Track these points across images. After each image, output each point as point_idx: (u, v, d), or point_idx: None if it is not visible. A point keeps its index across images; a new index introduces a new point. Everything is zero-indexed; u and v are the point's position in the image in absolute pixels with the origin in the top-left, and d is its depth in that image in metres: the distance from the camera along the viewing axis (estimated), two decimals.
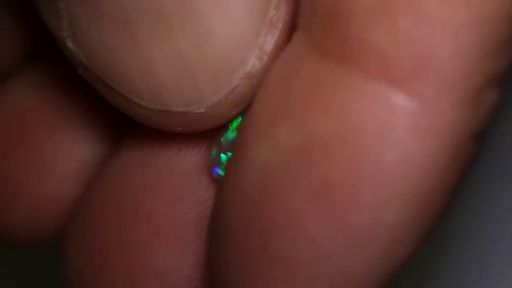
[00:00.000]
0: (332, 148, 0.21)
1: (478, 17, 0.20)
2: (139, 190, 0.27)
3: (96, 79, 0.24)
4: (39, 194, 0.30)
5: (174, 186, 0.27)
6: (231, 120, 0.25)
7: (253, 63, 0.24)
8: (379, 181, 0.21)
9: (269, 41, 0.24)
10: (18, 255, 0.42)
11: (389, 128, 0.21)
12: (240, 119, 0.25)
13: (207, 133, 0.26)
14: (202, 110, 0.24)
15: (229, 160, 0.25)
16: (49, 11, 0.24)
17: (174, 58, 0.23)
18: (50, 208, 0.30)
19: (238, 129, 0.26)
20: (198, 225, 0.27)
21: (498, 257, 0.43)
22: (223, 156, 0.26)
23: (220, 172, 0.26)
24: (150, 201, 0.27)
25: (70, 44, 0.24)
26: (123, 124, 0.29)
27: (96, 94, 0.25)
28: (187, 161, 0.27)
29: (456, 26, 0.20)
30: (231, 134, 0.26)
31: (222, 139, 0.26)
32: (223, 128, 0.26)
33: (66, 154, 0.30)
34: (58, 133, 0.31)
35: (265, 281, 0.22)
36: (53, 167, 0.30)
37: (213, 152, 0.26)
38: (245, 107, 0.25)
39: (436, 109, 0.21)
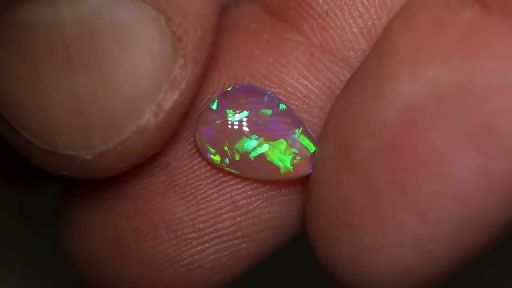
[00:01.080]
0: (492, 95, 0.21)
1: None
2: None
3: None
4: None
5: (193, 135, 0.27)
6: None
7: (148, 117, 0.24)
8: None
9: (169, 99, 0.24)
10: None
11: None
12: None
13: None
14: (89, 157, 0.24)
15: (361, 86, 0.24)
16: None
17: (70, 99, 0.23)
18: None
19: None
20: (216, 179, 0.26)
21: None
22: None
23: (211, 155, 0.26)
24: (168, 150, 0.26)
25: None
26: None
27: None
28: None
29: None
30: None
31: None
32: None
33: None
34: None
35: (395, 214, 0.22)
36: None
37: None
38: (133, 163, 0.25)
39: None
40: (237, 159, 0.26)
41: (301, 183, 0.27)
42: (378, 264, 0.23)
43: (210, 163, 0.26)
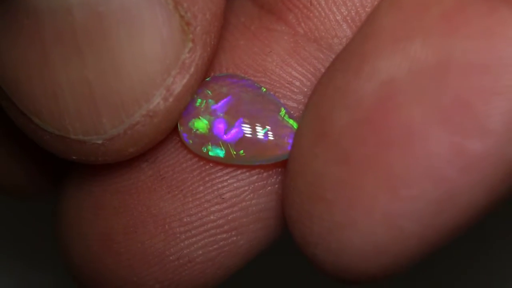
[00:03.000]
0: (470, 73, 0.21)
1: None
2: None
3: (2, 94, 0.24)
4: None
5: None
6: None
7: (157, 102, 0.24)
8: (511, 113, 0.21)
9: (178, 83, 0.24)
10: None
11: None
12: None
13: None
14: (100, 142, 0.24)
15: (343, 62, 0.24)
16: None
17: (80, 84, 0.23)
18: None
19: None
20: (202, 172, 0.26)
21: None
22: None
23: (189, 141, 0.26)
24: (156, 145, 0.26)
25: None
26: None
27: None
28: None
29: None
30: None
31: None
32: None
33: None
34: None
35: (367, 188, 0.22)
36: None
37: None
38: (144, 147, 0.24)
39: None
40: (220, 143, 0.26)
41: None
42: (349, 239, 0.22)
43: (193, 151, 0.26)
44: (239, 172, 0.26)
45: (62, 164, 0.30)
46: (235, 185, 0.26)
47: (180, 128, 0.26)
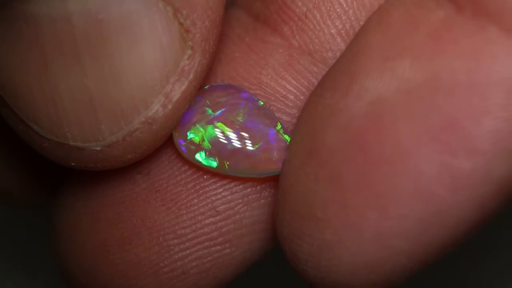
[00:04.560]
0: (458, 92, 0.21)
1: None
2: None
3: (1, 102, 0.24)
4: None
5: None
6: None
7: (156, 108, 0.24)
8: (500, 133, 0.21)
9: (177, 90, 0.24)
10: None
11: None
12: None
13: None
14: (98, 148, 0.24)
15: (333, 80, 0.24)
16: None
17: (79, 92, 0.23)
18: None
19: None
20: (196, 184, 0.26)
21: None
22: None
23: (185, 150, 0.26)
24: (149, 157, 0.26)
25: None
26: None
27: None
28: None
29: None
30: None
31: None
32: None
33: None
34: None
35: (357, 207, 0.22)
36: None
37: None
38: (142, 154, 0.24)
39: None
40: (214, 155, 0.26)
41: None
42: (339, 258, 0.22)
43: (186, 159, 0.26)
44: (233, 184, 0.27)
45: (57, 173, 0.30)
46: (229, 197, 0.26)
47: (175, 135, 0.26)
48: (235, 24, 0.28)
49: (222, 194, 0.26)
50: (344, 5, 0.26)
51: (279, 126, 0.26)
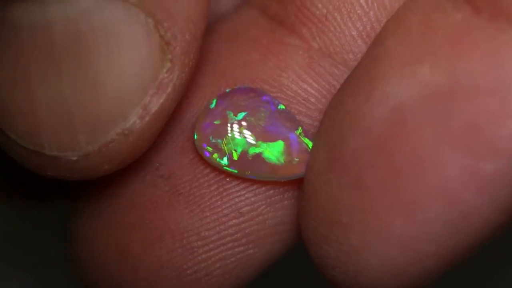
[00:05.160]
0: (479, 96, 0.21)
1: None
2: (161, 147, 0.27)
3: None
4: None
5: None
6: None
7: (133, 120, 0.24)
8: None
9: (155, 102, 0.24)
10: None
11: None
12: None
13: None
14: (74, 158, 0.24)
15: (354, 86, 0.24)
16: None
17: (57, 100, 0.23)
18: None
19: None
20: (219, 186, 0.26)
21: None
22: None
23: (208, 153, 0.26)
24: (171, 159, 0.26)
25: None
26: None
27: None
28: None
29: None
30: None
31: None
32: None
33: None
34: None
35: (382, 213, 0.22)
36: None
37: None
38: (118, 165, 0.24)
39: None
40: (235, 158, 0.26)
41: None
42: (366, 263, 0.23)
43: (208, 162, 0.26)
44: (255, 186, 0.27)
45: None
46: (252, 199, 0.27)
47: (197, 138, 0.26)
48: (250, 25, 0.28)
49: (246, 196, 0.27)
50: (365, 7, 0.27)
51: (299, 130, 0.26)
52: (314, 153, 0.25)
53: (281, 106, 0.26)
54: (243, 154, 0.26)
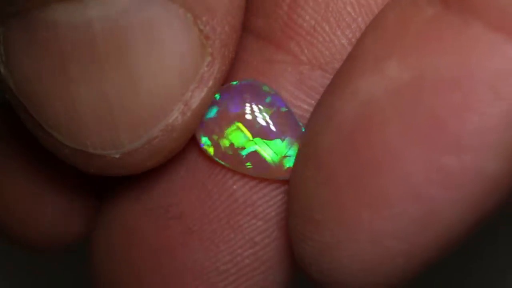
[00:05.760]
0: (443, 89, 0.21)
1: None
2: (168, 189, 0.27)
3: (21, 108, 0.24)
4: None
5: (202, 181, 0.27)
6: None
7: (176, 116, 0.24)
8: (485, 128, 0.21)
9: (196, 97, 0.24)
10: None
11: (504, 79, 0.20)
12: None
13: None
14: (118, 156, 0.24)
15: (331, 87, 0.24)
16: None
17: (99, 99, 0.23)
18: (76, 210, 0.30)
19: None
20: (230, 219, 0.26)
21: None
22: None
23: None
24: (179, 199, 0.26)
25: (1, 68, 0.23)
26: None
27: None
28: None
29: None
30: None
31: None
32: None
33: None
34: None
35: (351, 208, 0.22)
36: None
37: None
38: (161, 160, 0.25)
39: None
40: (230, 153, 0.26)
41: None
42: (338, 260, 0.23)
43: (203, 153, 0.27)
44: (266, 213, 0.27)
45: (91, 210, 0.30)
46: (263, 227, 0.27)
47: (199, 133, 0.26)
48: (238, 48, 0.28)
49: (257, 224, 0.27)
50: (353, 14, 0.26)
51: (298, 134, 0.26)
52: (297, 154, 0.25)
53: (283, 109, 0.26)
54: (237, 150, 0.26)
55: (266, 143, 0.26)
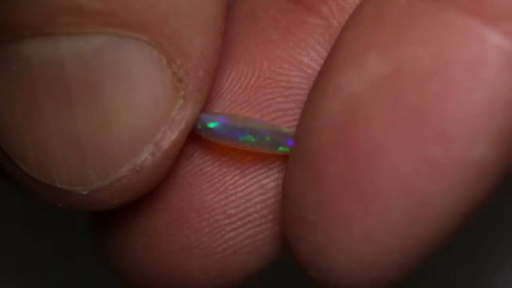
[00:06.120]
0: (421, 80, 0.21)
1: None
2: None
3: None
4: None
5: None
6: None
7: (145, 157, 0.24)
8: (466, 116, 0.21)
9: (167, 139, 0.24)
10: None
11: (481, 65, 0.20)
12: None
13: None
14: (85, 192, 0.24)
15: (315, 83, 0.24)
16: None
17: (68, 135, 0.23)
18: None
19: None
20: (241, 164, 0.27)
21: None
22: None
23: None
24: (189, 141, 0.26)
25: None
26: None
27: None
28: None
29: None
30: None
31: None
32: None
33: None
34: None
35: (342, 206, 0.22)
36: None
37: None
38: (129, 199, 0.25)
39: None
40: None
41: None
42: (335, 259, 0.23)
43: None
44: (278, 163, 0.27)
45: None
46: (276, 175, 0.27)
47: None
48: (269, 6, 0.28)
49: (269, 173, 0.27)
50: None
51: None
52: (289, 155, 0.25)
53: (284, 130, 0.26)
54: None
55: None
